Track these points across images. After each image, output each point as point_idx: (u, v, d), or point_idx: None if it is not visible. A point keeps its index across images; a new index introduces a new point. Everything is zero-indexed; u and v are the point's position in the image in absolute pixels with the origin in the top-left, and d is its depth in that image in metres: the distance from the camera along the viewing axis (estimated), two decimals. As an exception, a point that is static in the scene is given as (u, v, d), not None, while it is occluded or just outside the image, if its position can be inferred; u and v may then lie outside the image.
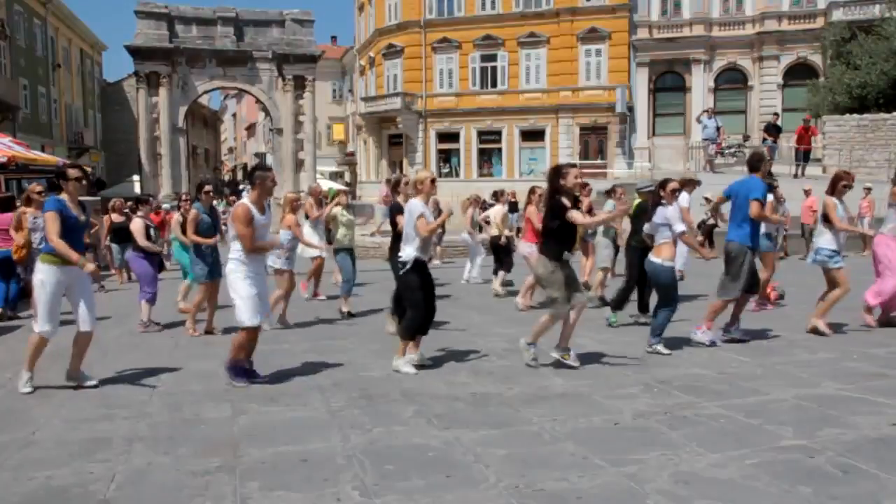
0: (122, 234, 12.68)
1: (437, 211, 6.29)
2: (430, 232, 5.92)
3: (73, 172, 5.60)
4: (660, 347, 6.59)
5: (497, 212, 11.21)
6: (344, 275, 9.19)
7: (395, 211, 7.41)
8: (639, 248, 7.83)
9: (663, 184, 6.72)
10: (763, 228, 7.92)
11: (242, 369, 5.69)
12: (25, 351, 5.59)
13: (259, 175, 5.70)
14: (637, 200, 8.54)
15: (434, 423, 4.64)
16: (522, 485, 3.61)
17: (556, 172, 5.96)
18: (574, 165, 6.00)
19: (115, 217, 13.41)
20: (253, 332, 5.66)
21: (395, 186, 8.03)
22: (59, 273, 5.37)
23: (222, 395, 5.43)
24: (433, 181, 6.05)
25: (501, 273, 11.00)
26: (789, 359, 6.32)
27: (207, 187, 8.36)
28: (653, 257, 6.63)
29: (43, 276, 5.36)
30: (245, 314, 5.53)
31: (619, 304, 8.30)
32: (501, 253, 11.01)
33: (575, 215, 5.76)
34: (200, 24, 34.29)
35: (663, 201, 6.59)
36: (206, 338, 7.88)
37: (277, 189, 36.29)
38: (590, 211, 9.07)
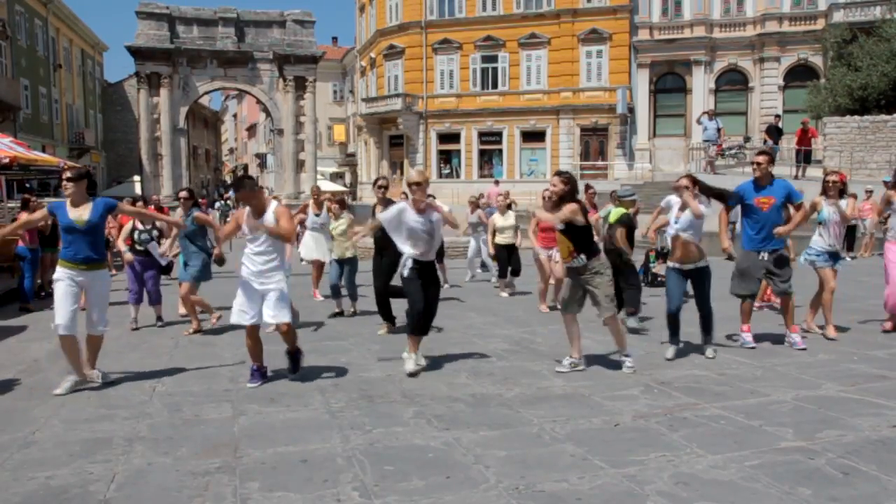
0: None
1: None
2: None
3: (64, 173, 5.78)
4: (708, 352, 6.49)
5: (502, 220, 11.06)
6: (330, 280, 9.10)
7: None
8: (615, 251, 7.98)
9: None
10: None
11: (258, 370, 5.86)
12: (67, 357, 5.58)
13: (241, 194, 5.74)
14: (614, 207, 8.52)
15: (434, 424, 4.65)
16: (522, 486, 3.61)
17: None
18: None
19: None
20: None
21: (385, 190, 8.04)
22: (71, 274, 5.50)
23: (222, 396, 5.44)
24: (418, 184, 5.96)
25: (510, 278, 10.94)
26: (789, 360, 6.32)
27: (182, 193, 8.52)
28: (671, 263, 6.60)
29: (57, 275, 5.55)
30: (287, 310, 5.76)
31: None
32: (510, 259, 10.96)
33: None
34: (201, 25, 34.32)
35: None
36: (206, 338, 7.88)
37: (278, 189, 35.94)
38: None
